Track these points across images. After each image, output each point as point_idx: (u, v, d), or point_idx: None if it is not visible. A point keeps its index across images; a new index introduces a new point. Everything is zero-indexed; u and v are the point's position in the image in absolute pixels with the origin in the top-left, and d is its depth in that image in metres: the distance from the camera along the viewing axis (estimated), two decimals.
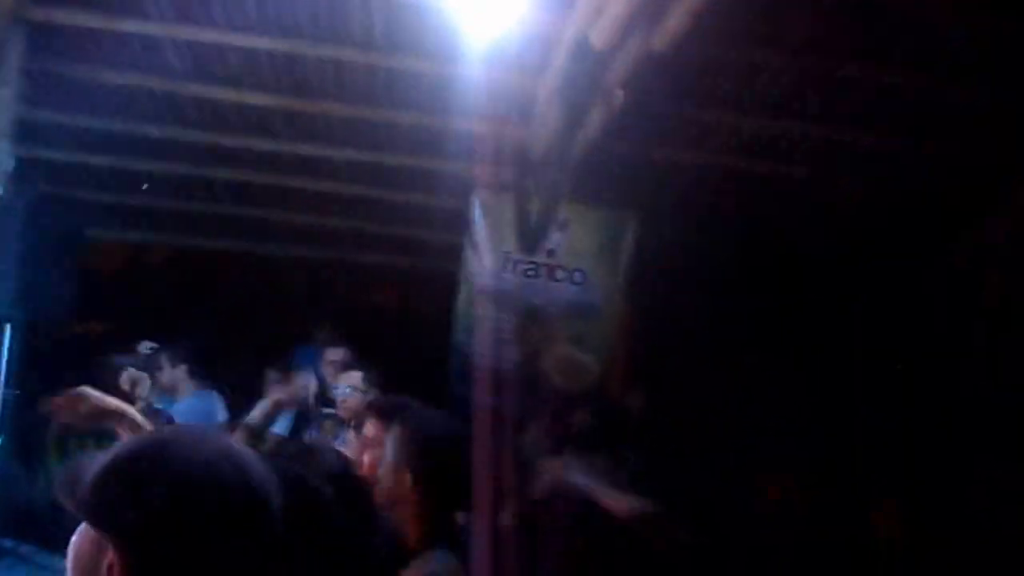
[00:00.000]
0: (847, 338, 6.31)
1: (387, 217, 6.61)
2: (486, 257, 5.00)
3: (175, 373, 4.69)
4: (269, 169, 6.06)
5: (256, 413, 3.79)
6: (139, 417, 2.29)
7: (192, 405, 4.58)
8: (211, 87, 5.26)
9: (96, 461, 1.14)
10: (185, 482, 1.05)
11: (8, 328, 5.02)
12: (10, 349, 5.01)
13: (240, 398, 4.91)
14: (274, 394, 3.92)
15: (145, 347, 4.33)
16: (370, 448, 2.78)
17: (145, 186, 6.12)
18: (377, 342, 5.67)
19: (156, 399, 4.37)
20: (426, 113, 5.32)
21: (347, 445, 3.41)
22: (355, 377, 4.45)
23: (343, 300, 7.21)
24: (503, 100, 5.04)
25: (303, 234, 6.84)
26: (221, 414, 4.59)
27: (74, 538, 1.25)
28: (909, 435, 5.75)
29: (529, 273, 5.12)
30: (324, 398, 4.53)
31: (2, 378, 5.03)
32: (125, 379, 4.50)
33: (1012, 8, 3.96)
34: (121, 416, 2.27)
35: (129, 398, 4.45)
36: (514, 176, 4.75)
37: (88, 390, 2.29)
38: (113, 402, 2.31)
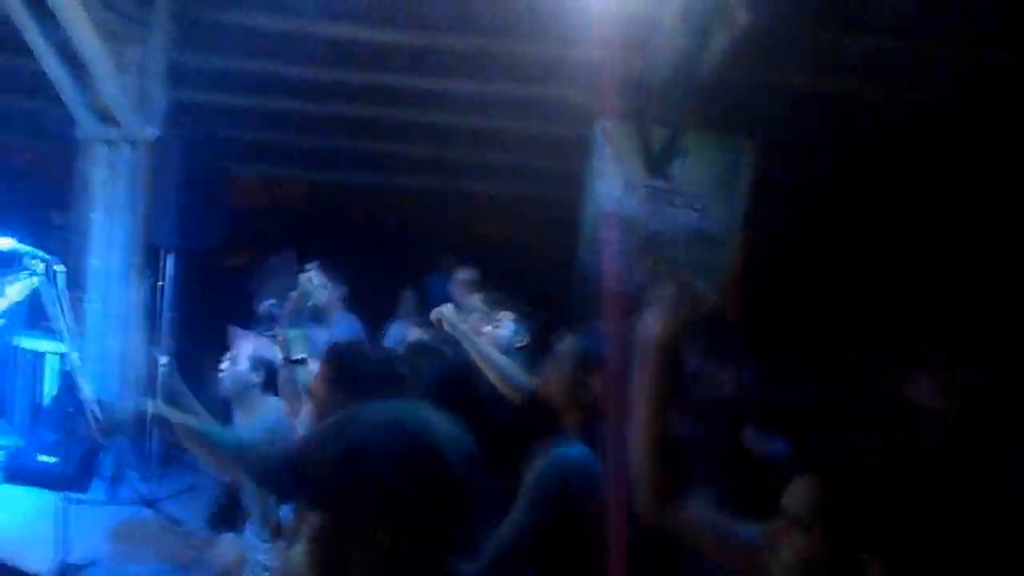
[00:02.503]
0: (968, 263, 6.15)
1: (508, 147, 6.76)
2: (609, 183, 5.12)
3: (331, 296, 4.97)
4: (395, 104, 6.28)
5: None
6: None
7: (344, 330, 4.87)
8: (340, 26, 5.49)
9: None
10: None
11: (171, 257, 5.47)
12: (171, 276, 5.47)
13: (374, 322, 5.25)
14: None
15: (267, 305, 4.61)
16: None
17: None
18: (498, 268, 5.88)
19: (305, 323, 4.66)
20: (546, 43, 5.41)
21: None
22: (479, 299, 4.69)
23: (466, 229, 7.45)
24: (623, 27, 5.10)
25: (428, 166, 7.07)
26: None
27: None
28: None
29: (650, 199, 5.22)
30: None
31: (168, 302, 5.50)
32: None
33: None
34: None
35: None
36: (636, 103, 4.83)
37: None
38: None
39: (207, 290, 5.92)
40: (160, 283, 5.60)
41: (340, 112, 6.41)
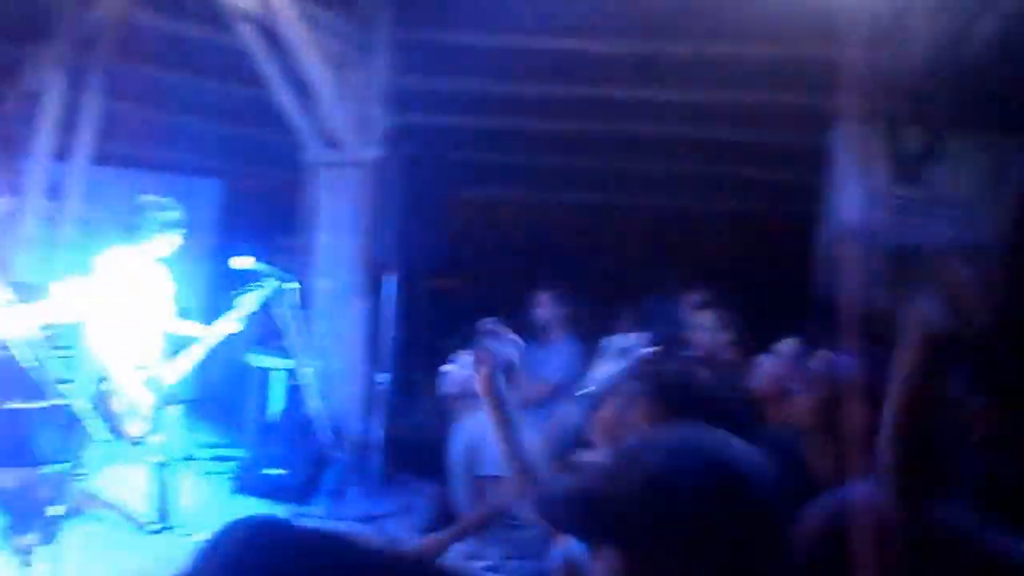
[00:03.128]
0: None
1: (735, 159, 6.38)
2: (851, 194, 4.66)
3: (555, 317, 4.86)
4: (616, 118, 6.10)
5: None
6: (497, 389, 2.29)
7: (566, 353, 4.74)
8: (560, 39, 5.37)
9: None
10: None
11: (392, 278, 5.53)
12: (392, 297, 5.52)
13: (593, 344, 5.03)
14: None
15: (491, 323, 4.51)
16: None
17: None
18: (729, 286, 5.52)
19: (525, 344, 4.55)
20: (776, 43, 5.03)
21: None
22: (707, 316, 4.44)
23: (692, 247, 7.10)
24: (866, 18, 4.63)
25: (650, 182, 6.81)
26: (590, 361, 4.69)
27: None
28: None
29: (903, 210, 4.69)
30: (681, 337, 4.52)
31: (389, 322, 5.55)
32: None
33: None
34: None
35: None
36: (884, 104, 4.34)
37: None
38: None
39: (427, 310, 5.95)
40: (381, 303, 5.68)
41: (559, 128, 6.30)
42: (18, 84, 6.22)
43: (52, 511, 4.01)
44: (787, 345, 2.98)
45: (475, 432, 3.49)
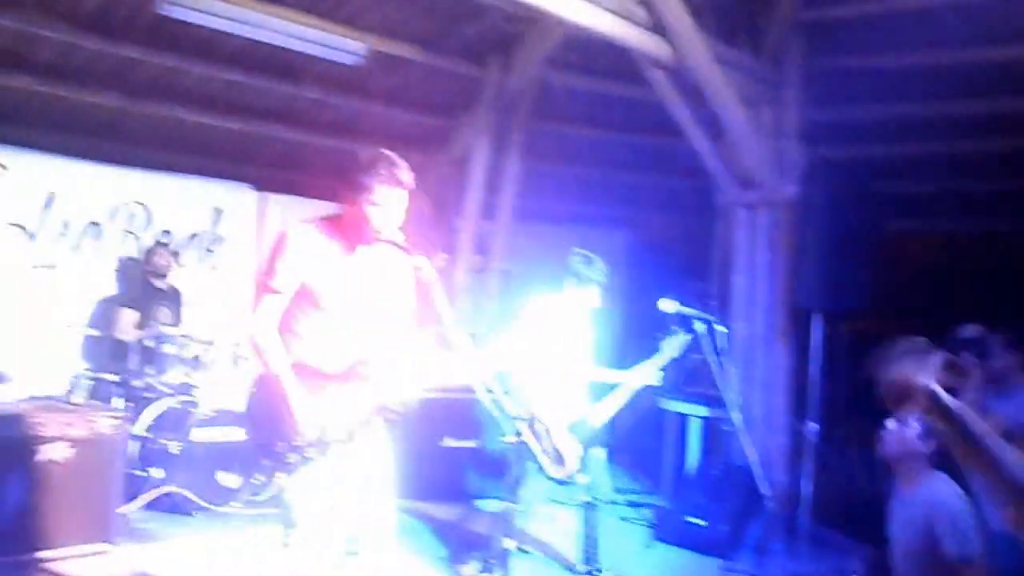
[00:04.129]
0: None
1: None
2: None
3: (1006, 362, 4.23)
4: None
5: None
6: (950, 400, 1.89)
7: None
8: (980, 49, 4.76)
9: None
10: None
11: (818, 320, 5.17)
12: (819, 340, 5.15)
13: None
14: None
15: (971, 330, 3.94)
16: None
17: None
18: None
19: (981, 393, 3.96)
20: None
21: None
22: None
23: None
24: None
25: None
26: None
27: None
28: None
29: None
30: None
31: (815, 367, 5.18)
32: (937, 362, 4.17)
33: None
34: (927, 397, 1.91)
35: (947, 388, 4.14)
36: None
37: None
38: (922, 381, 1.92)
39: (856, 354, 5.48)
40: (805, 347, 5.33)
41: (992, 148, 5.56)
42: (448, 150, 6.89)
43: (492, 545, 4.23)
44: None
45: (928, 503, 3.06)
